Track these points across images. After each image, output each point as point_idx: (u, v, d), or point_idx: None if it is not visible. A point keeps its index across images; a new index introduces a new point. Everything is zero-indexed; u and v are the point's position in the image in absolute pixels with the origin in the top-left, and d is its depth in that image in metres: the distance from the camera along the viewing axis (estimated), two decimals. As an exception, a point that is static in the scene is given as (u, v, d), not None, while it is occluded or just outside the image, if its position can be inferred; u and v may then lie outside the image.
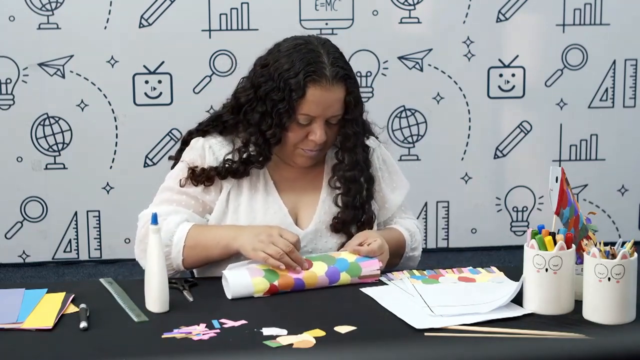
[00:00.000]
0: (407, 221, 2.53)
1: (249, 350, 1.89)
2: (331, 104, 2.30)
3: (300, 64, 2.29)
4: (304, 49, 2.31)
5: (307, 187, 2.43)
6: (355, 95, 2.33)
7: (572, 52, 4.55)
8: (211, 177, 2.37)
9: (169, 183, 2.41)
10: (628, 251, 2.00)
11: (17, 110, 4.35)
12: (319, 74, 2.28)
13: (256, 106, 2.34)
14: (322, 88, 2.28)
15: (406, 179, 2.56)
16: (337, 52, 2.35)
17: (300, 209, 2.42)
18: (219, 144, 2.39)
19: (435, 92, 4.53)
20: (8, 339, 1.96)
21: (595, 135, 4.63)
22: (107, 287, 2.24)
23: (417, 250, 2.51)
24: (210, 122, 2.43)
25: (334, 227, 2.39)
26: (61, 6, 4.30)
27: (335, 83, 2.29)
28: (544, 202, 4.63)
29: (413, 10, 4.46)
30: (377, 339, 1.96)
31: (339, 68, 2.30)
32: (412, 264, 2.51)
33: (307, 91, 2.28)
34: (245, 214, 2.37)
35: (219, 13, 4.37)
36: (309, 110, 2.29)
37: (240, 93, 2.39)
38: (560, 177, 2.13)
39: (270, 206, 2.38)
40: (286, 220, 2.38)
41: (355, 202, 2.39)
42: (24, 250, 4.47)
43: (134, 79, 4.38)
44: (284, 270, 2.23)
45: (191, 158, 2.39)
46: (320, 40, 2.37)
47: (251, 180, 2.39)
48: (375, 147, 2.50)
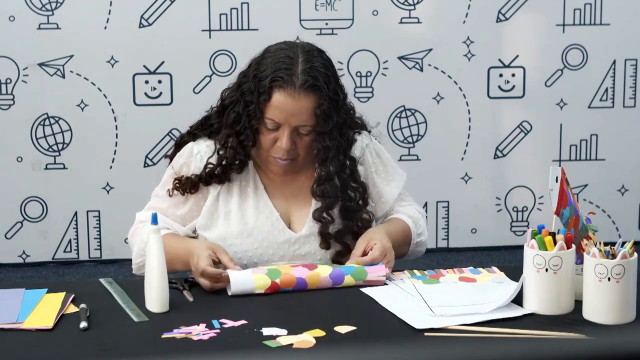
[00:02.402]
0: (408, 208, 2.51)
1: (249, 350, 1.89)
2: (296, 112, 2.27)
3: (272, 68, 2.28)
4: (282, 54, 2.30)
5: (297, 191, 2.42)
6: (326, 108, 2.28)
7: (572, 52, 4.55)
8: (195, 184, 2.38)
9: (156, 190, 2.46)
10: (628, 251, 2.00)
11: (17, 110, 4.35)
12: (285, 80, 2.26)
13: (235, 106, 2.35)
14: (287, 95, 2.26)
15: (402, 170, 2.55)
16: (318, 61, 2.30)
17: (292, 213, 2.42)
18: (207, 149, 2.40)
19: (435, 92, 4.53)
20: (8, 339, 1.96)
21: (595, 135, 4.63)
22: (107, 287, 2.24)
23: (423, 236, 2.49)
24: (199, 124, 2.46)
25: (323, 244, 2.37)
26: (61, 6, 4.29)
27: (302, 92, 2.26)
28: (544, 202, 4.62)
29: (413, 10, 4.46)
30: (377, 339, 1.96)
31: (309, 77, 2.26)
32: (420, 249, 2.50)
33: (273, 96, 2.27)
34: (236, 220, 2.37)
35: (219, 13, 4.36)
36: (273, 115, 2.28)
37: (226, 94, 2.41)
38: (560, 177, 2.13)
39: (262, 211, 2.38)
40: (278, 225, 2.38)
41: (333, 214, 2.36)
42: (24, 250, 4.47)
43: (134, 79, 4.38)
44: (287, 269, 2.23)
45: (178, 166, 2.42)
46: (308, 48, 2.34)
47: (241, 185, 2.40)
48: (368, 143, 2.47)
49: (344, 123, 2.35)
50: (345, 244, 2.38)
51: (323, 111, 2.28)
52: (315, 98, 2.28)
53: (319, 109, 2.28)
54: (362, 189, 2.41)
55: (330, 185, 2.35)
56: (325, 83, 2.29)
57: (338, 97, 2.33)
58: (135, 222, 2.45)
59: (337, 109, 2.32)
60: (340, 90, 2.36)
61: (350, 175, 2.38)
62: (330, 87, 2.30)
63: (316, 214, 2.37)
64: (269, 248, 2.36)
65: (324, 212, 2.36)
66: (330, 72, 2.33)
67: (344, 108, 2.37)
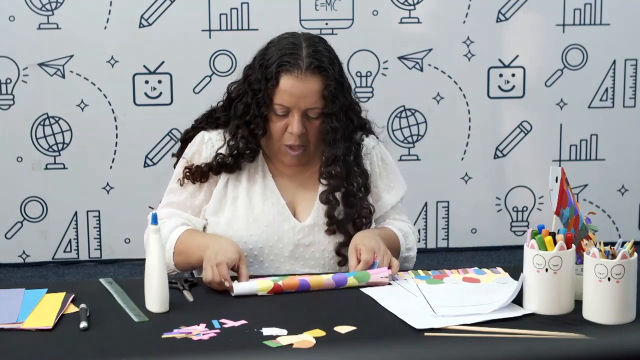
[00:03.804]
0: (400, 223, 2.52)
1: (249, 350, 1.89)
2: (305, 95, 2.31)
3: (277, 54, 2.32)
4: (285, 42, 2.35)
5: (305, 180, 2.44)
6: (333, 89, 2.32)
7: (572, 52, 4.55)
8: (205, 173, 2.40)
9: (171, 185, 2.47)
10: (628, 251, 2.00)
11: (17, 110, 4.35)
12: (292, 64, 2.30)
13: (242, 97, 2.38)
14: (295, 78, 2.30)
15: (405, 181, 2.55)
16: (321, 46, 2.35)
17: (298, 202, 2.44)
18: (218, 136, 2.43)
19: (435, 92, 4.53)
20: (8, 339, 1.96)
21: (595, 135, 4.63)
22: (107, 287, 2.24)
23: (412, 251, 2.50)
24: (205, 118, 2.48)
25: (329, 230, 2.40)
26: (61, 6, 4.29)
27: (309, 74, 2.30)
28: (544, 202, 4.62)
29: (413, 10, 4.46)
30: (377, 339, 1.96)
31: (314, 60, 2.31)
32: (408, 264, 2.51)
33: (280, 81, 2.31)
34: (243, 205, 2.39)
35: (219, 13, 4.36)
36: (282, 100, 2.31)
37: (232, 89, 2.44)
38: (560, 177, 2.13)
39: (268, 198, 2.40)
40: (284, 213, 2.40)
41: (338, 198, 2.38)
42: (24, 250, 4.47)
43: (134, 79, 4.38)
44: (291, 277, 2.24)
45: (190, 154, 2.44)
46: (310, 35, 2.39)
47: (249, 172, 2.42)
48: (375, 145, 2.50)
49: (349, 106, 2.39)
50: (348, 233, 2.39)
51: (330, 92, 2.32)
52: (322, 79, 2.32)
53: (326, 89, 2.32)
54: (365, 175, 2.43)
55: (338, 166, 2.37)
56: (330, 65, 2.33)
57: (343, 80, 2.38)
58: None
59: (342, 91, 2.36)
60: (343, 75, 2.40)
61: (355, 160, 2.41)
62: (336, 70, 2.35)
63: (323, 196, 2.39)
64: (273, 234, 2.38)
65: (331, 195, 2.38)
66: (333, 55, 2.37)
67: (349, 93, 2.41)
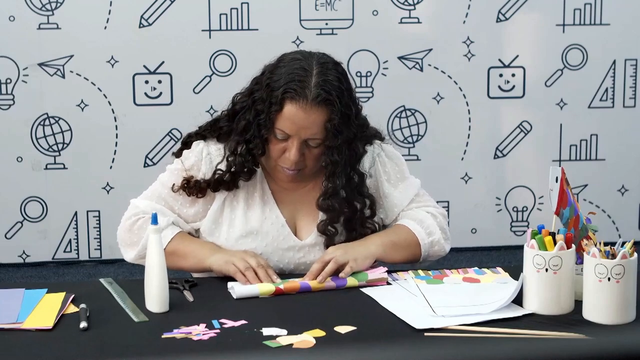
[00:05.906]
0: (411, 212, 2.46)
1: (249, 350, 1.89)
2: (307, 125, 2.25)
3: (285, 79, 2.25)
4: (296, 65, 2.28)
5: (305, 198, 2.41)
6: (337, 123, 2.25)
7: (572, 52, 4.55)
8: (203, 189, 2.37)
9: (166, 178, 2.42)
10: (628, 251, 2.00)
11: (17, 110, 4.35)
12: (298, 93, 2.23)
13: (245, 113, 2.33)
14: (299, 107, 2.24)
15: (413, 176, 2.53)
16: (332, 75, 2.27)
17: (298, 220, 2.41)
18: (217, 152, 2.38)
19: (435, 92, 4.53)
20: (8, 339, 1.96)
21: (595, 135, 4.63)
22: (107, 287, 2.24)
23: (434, 235, 2.42)
24: (209, 126, 2.43)
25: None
26: (61, 6, 4.29)
27: (314, 105, 2.23)
28: (544, 202, 4.62)
29: (413, 10, 4.46)
30: (377, 339, 1.96)
31: (322, 91, 2.24)
32: (437, 248, 2.43)
33: (284, 107, 2.24)
34: (241, 224, 2.36)
35: (219, 13, 4.36)
36: (283, 126, 2.26)
37: (237, 99, 2.38)
38: (560, 177, 2.13)
39: (268, 216, 2.38)
40: (284, 231, 2.37)
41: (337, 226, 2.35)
42: (24, 250, 4.47)
43: (134, 79, 4.38)
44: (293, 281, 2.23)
45: (189, 164, 2.39)
46: (324, 60, 2.31)
47: (248, 190, 2.39)
48: (379, 152, 2.45)
49: (354, 137, 2.32)
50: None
51: (334, 125, 2.25)
52: (327, 112, 2.25)
53: (329, 122, 2.25)
54: (371, 201, 2.39)
55: (336, 199, 2.33)
56: (338, 97, 2.26)
57: (350, 112, 2.30)
58: (136, 211, 2.41)
59: (348, 124, 2.29)
60: (353, 104, 2.33)
61: (356, 188, 2.36)
62: (343, 102, 2.27)
63: (321, 226, 2.36)
64: (273, 254, 2.36)
65: (329, 226, 2.35)
66: (344, 85, 2.30)
67: (356, 123, 2.33)
